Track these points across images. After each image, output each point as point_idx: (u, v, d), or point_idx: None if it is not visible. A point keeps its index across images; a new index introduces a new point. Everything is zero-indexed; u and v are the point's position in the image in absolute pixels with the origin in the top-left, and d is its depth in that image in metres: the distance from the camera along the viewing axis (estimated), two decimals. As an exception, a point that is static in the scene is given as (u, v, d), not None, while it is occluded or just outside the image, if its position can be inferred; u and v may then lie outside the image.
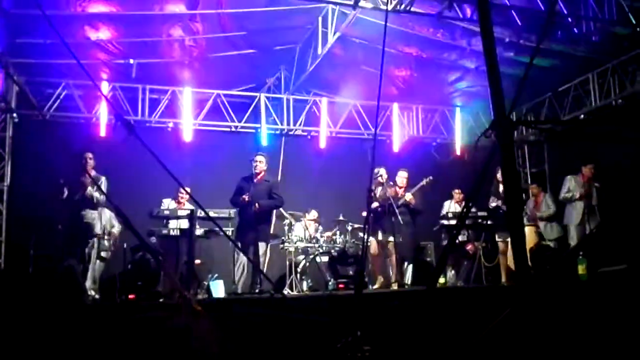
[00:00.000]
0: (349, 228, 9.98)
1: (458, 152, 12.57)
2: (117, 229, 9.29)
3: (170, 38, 9.58)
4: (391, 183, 9.30)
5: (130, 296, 7.58)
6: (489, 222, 9.33)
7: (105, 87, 10.56)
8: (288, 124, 11.92)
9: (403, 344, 4.15)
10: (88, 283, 8.24)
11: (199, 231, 8.48)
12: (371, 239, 9.12)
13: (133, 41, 9.51)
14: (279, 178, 10.34)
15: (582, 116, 11.17)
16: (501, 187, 9.05)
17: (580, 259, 7.80)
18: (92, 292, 8.29)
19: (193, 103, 11.22)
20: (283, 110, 11.88)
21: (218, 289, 9.29)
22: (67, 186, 8.22)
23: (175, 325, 4.15)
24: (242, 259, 8.38)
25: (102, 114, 10.58)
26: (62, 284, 6.51)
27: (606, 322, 4.42)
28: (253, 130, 11.76)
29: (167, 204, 9.07)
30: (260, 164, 8.66)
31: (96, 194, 8.30)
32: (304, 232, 9.97)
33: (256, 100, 11.65)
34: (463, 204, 10.11)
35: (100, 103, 10.57)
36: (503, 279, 9.27)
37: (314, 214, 10.51)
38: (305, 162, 11.90)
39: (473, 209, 9.22)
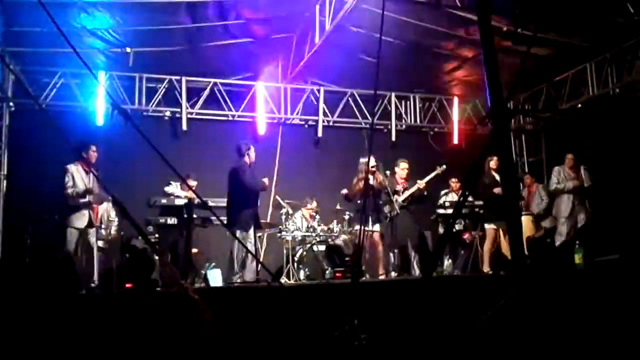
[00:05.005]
0: (346, 217, 9.99)
1: (455, 141, 12.57)
2: (115, 223, 9.26)
3: (167, 26, 9.53)
4: (387, 173, 9.22)
5: (128, 285, 7.58)
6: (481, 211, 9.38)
7: (102, 76, 10.53)
8: (285, 113, 11.91)
9: (400, 332, 4.17)
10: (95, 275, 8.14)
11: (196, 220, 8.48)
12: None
13: (130, 29, 9.47)
14: (276, 167, 10.34)
15: (579, 105, 11.18)
16: (496, 176, 9.06)
17: (577, 249, 7.83)
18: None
19: (190, 92, 11.18)
20: (280, 99, 11.87)
21: (215, 277, 9.30)
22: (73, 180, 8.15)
23: (173, 314, 4.16)
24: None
25: (99, 103, 10.54)
26: (59, 273, 6.51)
27: (603, 311, 4.44)
28: (250, 119, 11.73)
29: (175, 185, 9.01)
30: None
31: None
32: (301, 221, 9.99)
33: (253, 89, 11.63)
34: (460, 192, 10.11)
35: (97, 92, 10.54)
36: (485, 267, 9.23)
37: (314, 203, 10.51)
38: (302, 151, 11.88)
39: (470, 198, 9.25)
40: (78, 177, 8.07)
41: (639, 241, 7.30)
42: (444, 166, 9.43)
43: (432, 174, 9.37)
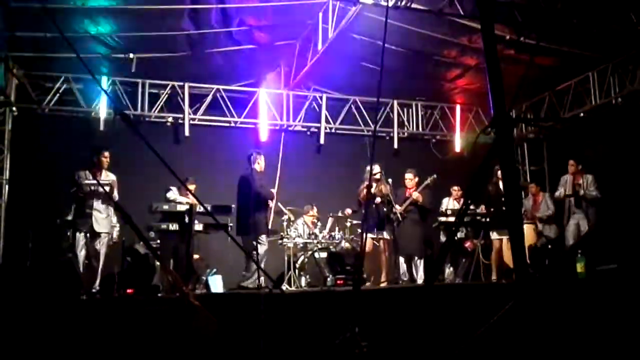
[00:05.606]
0: (348, 224, 9.98)
1: (457, 149, 12.57)
2: (117, 228, 9.24)
3: (170, 33, 9.55)
4: (389, 181, 9.24)
5: (129, 290, 7.57)
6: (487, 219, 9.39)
7: (104, 81, 10.54)
8: (287, 120, 11.91)
9: (401, 340, 4.16)
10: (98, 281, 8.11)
11: (197, 226, 8.47)
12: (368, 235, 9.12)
13: (133, 35, 9.48)
14: (278, 174, 10.31)
15: (581, 114, 11.17)
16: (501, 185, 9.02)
17: (579, 257, 7.81)
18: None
19: (192, 98, 11.19)
20: (282, 106, 11.87)
21: (216, 283, 9.30)
22: (79, 182, 8.13)
23: (174, 320, 4.16)
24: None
25: (102, 108, 10.56)
26: (60, 277, 6.50)
27: (605, 319, 4.43)
28: (252, 126, 11.74)
29: (174, 191, 8.99)
30: None
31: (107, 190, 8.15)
32: (303, 228, 9.98)
33: (256, 95, 11.64)
34: (461, 201, 10.10)
35: (99, 97, 10.55)
36: (493, 276, 9.29)
37: (314, 210, 10.52)
38: (304, 158, 11.86)
39: (472, 206, 9.24)
40: (84, 183, 8.07)
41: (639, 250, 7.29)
42: (435, 176, 9.44)
43: (423, 185, 9.38)
